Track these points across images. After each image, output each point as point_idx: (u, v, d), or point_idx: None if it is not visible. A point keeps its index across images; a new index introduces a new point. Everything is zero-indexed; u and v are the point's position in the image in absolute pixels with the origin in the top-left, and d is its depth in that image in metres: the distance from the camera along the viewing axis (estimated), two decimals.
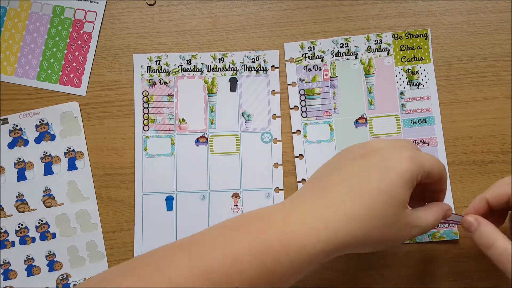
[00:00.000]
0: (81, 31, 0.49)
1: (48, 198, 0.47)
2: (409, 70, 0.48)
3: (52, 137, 0.48)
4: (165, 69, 0.49)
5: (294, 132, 0.48)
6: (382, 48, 0.49)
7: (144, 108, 0.48)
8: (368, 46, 0.49)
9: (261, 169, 0.47)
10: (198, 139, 0.48)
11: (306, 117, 0.48)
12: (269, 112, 0.48)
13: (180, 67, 0.49)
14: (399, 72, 0.48)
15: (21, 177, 0.47)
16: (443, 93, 0.48)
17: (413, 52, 0.49)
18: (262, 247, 0.31)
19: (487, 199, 0.39)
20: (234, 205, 0.47)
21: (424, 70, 0.48)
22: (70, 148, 0.47)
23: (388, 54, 0.49)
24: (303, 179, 0.47)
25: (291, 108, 0.48)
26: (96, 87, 0.49)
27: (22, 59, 0.49)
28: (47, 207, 0.47)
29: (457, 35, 0.49)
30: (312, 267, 0.33)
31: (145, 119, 0.48)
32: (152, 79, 0.49)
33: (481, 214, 0.39)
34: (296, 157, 0.48)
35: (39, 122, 0.48)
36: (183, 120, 0.48)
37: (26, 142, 0.47)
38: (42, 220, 0.47)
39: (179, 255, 0.31)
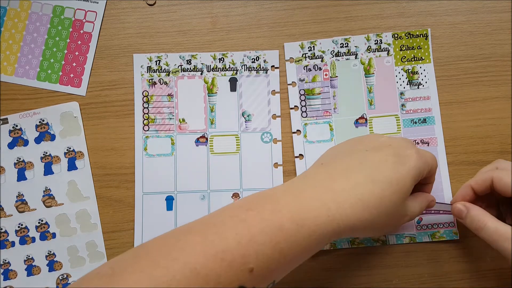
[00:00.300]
0: (81, 31, 0.49)
1: (48, 198, 0.47)
2: (409, 70, 0.48)
3: (52, 137, 0.48)
4: (165, 69, 0.49)
5: (294, 132, 0.48)
6: (382, 48, 0.49)
7: (144, 108, 0.48)
8: (368, 46, 0.49)
9: (261, 169, 0.47)
10: (198, 139, 0.48)
11: (306, 117, 0.48)
12: (269, 112, 0.48)
13: (180, 67, 0.49)
14: (399, 72, 0.48)
15: (21, 177, 0.47)
16: (443, 93, 0.48)
17: (413, 52, 0.49)
18: (276, 227, 0.31)
19: (472, 186, 0.42)
20: None
21: (424, 70, 0.48)
22: (70, 148, 0.47)
23: (388, 54, 0.49)
24: None
25: (291, 108, 0.48)
26: (96, 87, 0.49)
27: (22, 59, 0.49)
28: (47, 207, 0.47)
29: (457, 35, 0.49)
30: (322, 246, 0.34)
31: (145, 119, 0.48)
32: (152, 79, 0.49)
33: (468, 201, 0.42)
34: (296, 157, 0.48)
35: (39, 122, 0.48)
36: (183, 120, 0.48)
37: (26, 142, 0.47)
38: (42, 220, 0.47)
39: (192, 238, 0.31)
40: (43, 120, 0.48)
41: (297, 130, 0.48)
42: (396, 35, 0.49)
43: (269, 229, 0.31)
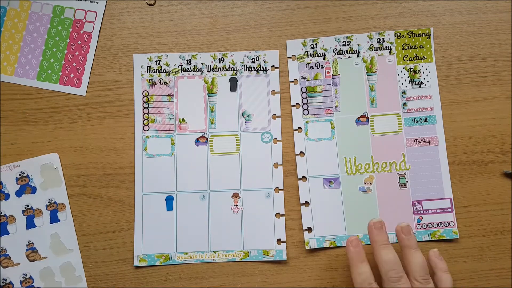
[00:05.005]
0: (81, 31, 0.49)
1: (32, 252, 0.46)
2: (411, 69, 0.48)
3: (33, 190, 0.47)
4: (165, 69, 0.49)
5: (295, 130, 0.48)
6: (384, 47, 0.49)
7: (144, 108, 0.48)
8: (371, 45, 0.49)
9: (261, 169, 0.47)
10: (198, 139, 0.48)
11: (307, 114, 0.48)
12: (269, 112, 0.48)
13: (180, 67, 0.49)
14: (401, 71, 0.48)
15: (3, 231, 0.46)
16: (443, 93, 0.48)
17: (415, 51, 0.49)
18: None
19: None
20: (234, 205, 0.47)
21: (426, 69, 0.48)
22: (51, 200, 0.47)
23: (390, 52, 0.49)
24: (303, 177, 0.47)
25: (293, 106, 0.48)
26: (96, 87, 0.49)
27: (22, 59, 0.49)
28: (30, 261, 0.46)
29: (457, 35, 0.49)
30: None
31: (145, 119, 0.48)
32: (152, 79, 0.49)
33: None
34: (297, 154, 0.48)
35: (19, 175, 0.47)
36: (183, 120, 0.48)
37: (7, 196, 0.47)
38: (26, 275, 0.46)
39: None
40: (23, 173, 0.47)
41: (298, 128, 0.48)
42: (398, 34, 0.49)
43: None
